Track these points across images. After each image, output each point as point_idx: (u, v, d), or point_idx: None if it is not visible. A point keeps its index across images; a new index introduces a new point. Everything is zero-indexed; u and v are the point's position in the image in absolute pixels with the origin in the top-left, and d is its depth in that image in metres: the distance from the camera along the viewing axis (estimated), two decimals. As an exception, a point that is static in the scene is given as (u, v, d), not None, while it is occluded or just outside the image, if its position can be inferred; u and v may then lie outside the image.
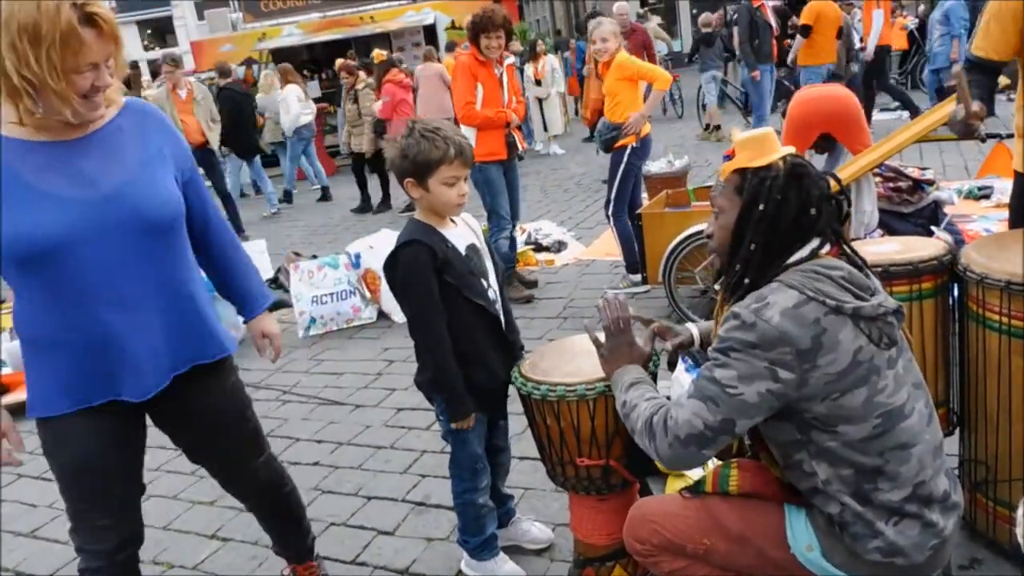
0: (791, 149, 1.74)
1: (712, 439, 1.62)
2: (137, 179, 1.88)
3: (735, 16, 9.74)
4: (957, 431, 2.53)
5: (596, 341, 2.06)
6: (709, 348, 1.69)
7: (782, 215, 1.65)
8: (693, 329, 2.25)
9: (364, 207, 9.72)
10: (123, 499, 2.06)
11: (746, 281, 1.70)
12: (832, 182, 1.74)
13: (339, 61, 10.52)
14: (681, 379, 3.26)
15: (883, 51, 9.90)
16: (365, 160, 9.66)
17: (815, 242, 1.68)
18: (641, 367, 1.99)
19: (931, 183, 4.73)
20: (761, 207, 1.66)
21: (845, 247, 1.73)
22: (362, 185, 9.83)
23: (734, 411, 1.59)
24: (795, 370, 1.54)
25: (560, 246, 6.61)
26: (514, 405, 2.47)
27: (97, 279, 1.82)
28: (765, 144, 1.72)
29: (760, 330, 1.55)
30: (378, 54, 9.27)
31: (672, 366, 3.51)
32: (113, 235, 1.82)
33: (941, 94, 6.28)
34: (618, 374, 1.95)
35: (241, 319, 5.69)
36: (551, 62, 12.17)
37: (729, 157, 1.80)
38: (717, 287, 2.03)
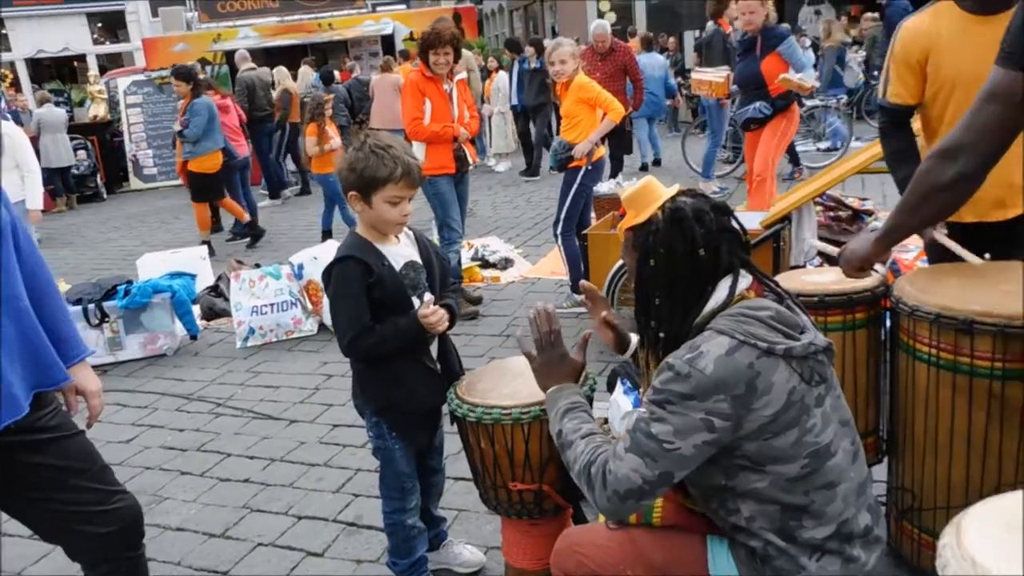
0: (674, 190, 1.73)
1: (651, 492, 1.59)
2: None
3: (704, 41, 9.70)
4: (886, 459, 2.56)
5: (529, 355, 2.02)
6: (643, 398, 1.67)
7: (673, 264, 1.64)
8: (633, 339, 2.25)
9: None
10: None
11: (661, 335, 1.68)
12: (718, 214, 1.67)
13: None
14: (619, 401, 3.24)
15: None
16: None
17: (728, 280, 1.65)
18: (575, 381, 1.95)
19: (870, 213, 4.84)
20: (652, 262, 1.66)
21: (766, 282, 1.73)
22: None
23: (672, 465, 1.56)
24: (730, 417, 1.53)
25: (506, 263, 6.58)
26: (448, 424, 2.43)
27: None
28: (645, 197, 1.72)
29: (695, 380, 1.53)
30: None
31: (611, 387, 3.51)
32: None
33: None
34: (553, 393, 1.90)
35: (177, 325, 5.45)
36: (499, 81, 12.01)
37: (623, 215, 1.79)
38: (635, 336, 2.03)
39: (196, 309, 5.88)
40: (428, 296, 2.33)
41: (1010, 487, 2.01)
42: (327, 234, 8.03)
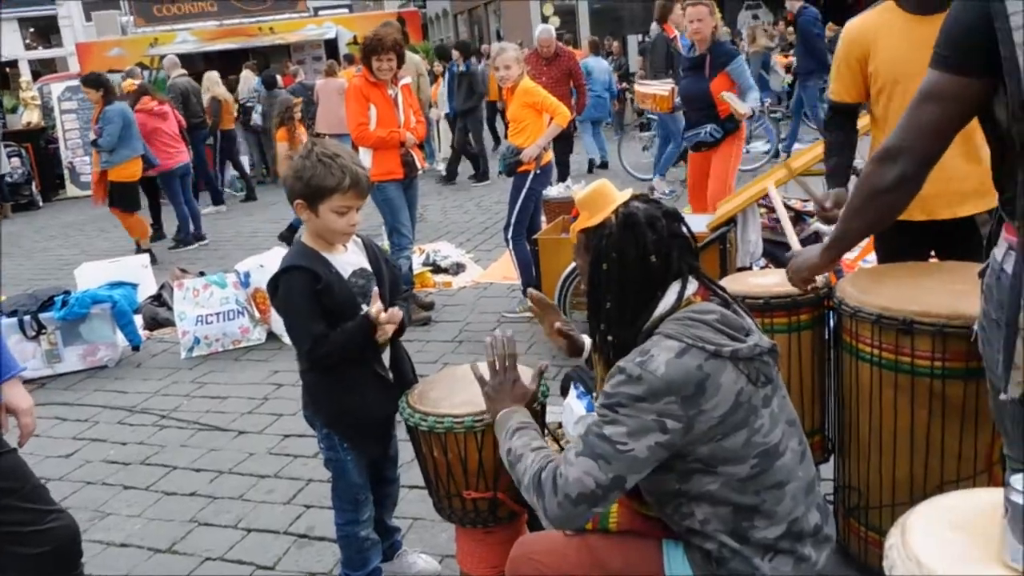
0: (628, 194, 1.74)
1: (603, 497, 1.59)
2: None
3: (648, 45, 9.70)
4: (832, 458, 2.61)
5: (480, 379, 2.01)
6: (596, 403, 1.67)
7: (625, 269, 1.66)
8: (587, 342, 2.27)
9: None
10: None
11: (611, 339, 1.69)
12: (669, 220, 1.69)
13: None
14: (572, 405, 3.25)
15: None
16: None
17: (677, 285, 1.67)
18: (526, 407, 1.94)
19: (812, 215, 4.94)
20: (604, 266, 1.67)
21: (713, 287, 1.75)
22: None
23: (625, 468, 1.57)
24: (681, 419, 1.54)
25: (458, 268, 6.57)
26: (402, 432, 2.41)
27: None
28: (600, 199, 1.73)
29: (647, 383, 1.54)
30: (129, 83, 8.80)
31: (564, 392, 3.52)
32: None
33: None
34: (502, 416, 1.89)
35: (118, 336, 5.29)
36: (444, 84, 12.01)
37: (576, 217, 1.79)
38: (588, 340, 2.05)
39: (138, 319, 5.73)
40: (375, 291, 2.30)
41: (952, 484, 2.08)
42: (294, 229, 7.79)
